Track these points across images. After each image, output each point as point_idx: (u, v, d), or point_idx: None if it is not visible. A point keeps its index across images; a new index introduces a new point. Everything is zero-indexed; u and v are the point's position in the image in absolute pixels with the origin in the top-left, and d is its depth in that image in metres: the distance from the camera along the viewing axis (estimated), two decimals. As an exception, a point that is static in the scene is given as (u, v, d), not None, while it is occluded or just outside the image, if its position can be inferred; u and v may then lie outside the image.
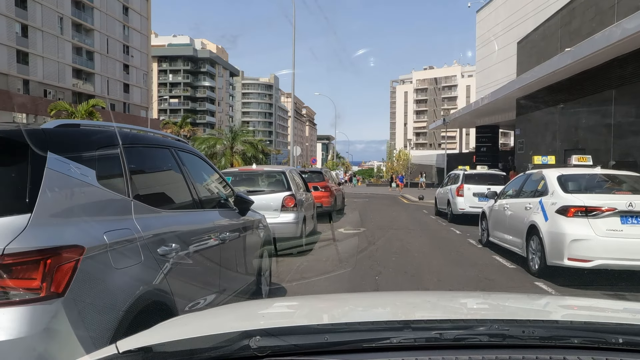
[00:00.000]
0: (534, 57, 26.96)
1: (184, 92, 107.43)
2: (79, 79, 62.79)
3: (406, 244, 11.28)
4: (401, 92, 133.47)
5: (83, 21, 61.99)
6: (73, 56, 60.71)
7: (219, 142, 17.69)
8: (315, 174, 16.69)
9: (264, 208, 8.83)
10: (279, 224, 8.99)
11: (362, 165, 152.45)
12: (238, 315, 1.93)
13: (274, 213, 9.03)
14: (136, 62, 74.57)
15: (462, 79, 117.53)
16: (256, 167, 9.90)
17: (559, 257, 6.92)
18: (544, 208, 7.54)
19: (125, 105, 72.20)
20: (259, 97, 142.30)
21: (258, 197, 8.91)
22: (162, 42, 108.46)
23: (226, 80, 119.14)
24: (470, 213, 15.65)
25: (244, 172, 10.13)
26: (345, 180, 31.52)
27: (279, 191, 9.27)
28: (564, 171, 8.15)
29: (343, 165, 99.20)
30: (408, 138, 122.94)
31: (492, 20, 44.74)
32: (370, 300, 2.46)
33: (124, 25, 70.89)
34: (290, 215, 9.07)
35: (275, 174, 9.81)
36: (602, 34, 16.51)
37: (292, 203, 9.09)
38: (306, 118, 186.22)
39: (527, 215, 8.05)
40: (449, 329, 1.37)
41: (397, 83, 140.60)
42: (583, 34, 20.60)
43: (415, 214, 19.93)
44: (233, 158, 16.98)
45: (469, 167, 17.65)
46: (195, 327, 1.70)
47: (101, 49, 65.49)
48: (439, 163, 52.69)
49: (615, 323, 1.56)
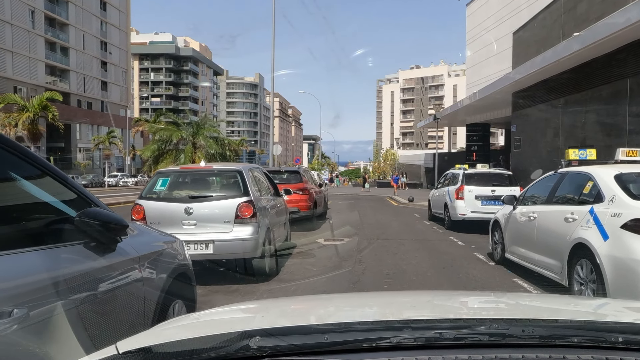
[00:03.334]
0: (533, 47, 24.94)
1: (166, 91, 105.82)
2: (53, 75, 60.15)
3: (400, 261, 9.01)
4: (388, 91, 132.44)
5: (57, 15, 59.49)
6: (46, 52, 58.15)
7: (175, 134, 15.09)
8: (291, 174, 14.33)
9: (212, 220, 6.56)
10: (231, 242, 6.71)
11: (348, 166, 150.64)
12: (238, 316, 1.96)
13: (224, 226, 6.73)
14: (115, 59, 72.28)
15: (449, 79, 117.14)
16: (205, 164, 7.54)
17: (633, 293, 4.69)
18: (598, 221, 5.32)
19: (103, 104, 69.80)
20: (244, 96, 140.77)
21: (203, 205, 6.62)
22: (144, 39, 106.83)
23: (210, 79, 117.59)
24: (471, 219, 13.47)
25: (187, 172, 7.76)
26: (327, 182, 29.20)
27: (233, 196, 6.94)
28: (621, 169, 5.91)
29: (329, 165, 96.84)
30: (395, 137, 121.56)
31: (483, 13, 42.84)
32: (370, 300, 2.43)
33: (101, 21, 68.58)
34: (247, 228, 6.75)
35: (229, 174, 7.46)
36: (620, 13, 14.42)
37: (250, 212, 6.77)
38: (292, 118, 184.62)
39: (570, 230, 5.83)
40: (449, 328, 1.36)
41: (383, 82, 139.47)
42: (591, 19, 18.58)
43: (407, 219, 17.68)
44: (195, 155, 14.51)
45: (467, 166, 15.44)
46: (195, 328, 1.72)
47: (77, 45, 63.01)
48: (427, 163, 50.72)
49: (614, 322, 1.58)
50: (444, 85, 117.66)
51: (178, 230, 6.66)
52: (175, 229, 6.64)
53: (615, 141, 16.33)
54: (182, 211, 6.70)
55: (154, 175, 7.39)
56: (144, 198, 7.00)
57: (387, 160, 78.34)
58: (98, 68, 68.27)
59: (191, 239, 6.59)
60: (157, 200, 7.01)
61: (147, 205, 6.89)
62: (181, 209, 6.72)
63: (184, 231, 6.65)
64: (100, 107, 68.99)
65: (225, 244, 6.66)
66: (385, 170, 77.08)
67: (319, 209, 15.66)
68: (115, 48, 72.25)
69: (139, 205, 6.90)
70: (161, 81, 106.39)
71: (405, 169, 58.65)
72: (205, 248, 6.61)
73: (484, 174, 14.23)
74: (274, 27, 26.56)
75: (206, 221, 6.67)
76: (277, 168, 16.16)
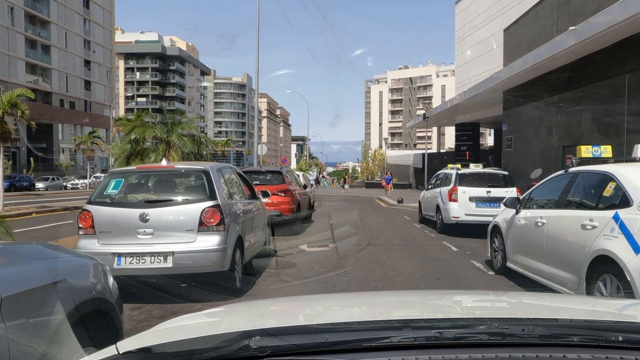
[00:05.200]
0: (525, 44, 24.26)
1: (152, 91, 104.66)
2: (34, 74, 58.61)
3: (390, 271, 8.11)
4: (376, 92, 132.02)
5: (38, 12, 57.96)
6: (27, 50, 56.61)
7: (148, 131, 13.96)
8: (273, 174, 13.34)
9: (171, 228, 5.62)
10: (194, 253, 5.73)
11: (337, 166, 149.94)
12: (238, 316, 1.92)
13: (186, 235, 5.75)
14: (99, 58, 70.84)
15: (437, 79, 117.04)
16: (167, 163, 6.53)
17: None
18: (627, 229, 4.46)
19: (86, 103, 68.37)
20: (232, 97, 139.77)
21: (161, 211, 5.68)
22: (129, 38, 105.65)
23: (197, 79, 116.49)
24: (465, 222, 12.63)
25: (145, 172, 6.75)
26: (312, 183, 28.29)
27: (197, 200, 5.96)
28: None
29: (317, 166, 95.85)
30: (384, 137, 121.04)
31: (473, 11, 42.20)
32: (370, 299, 2.40)
33: (84, 19, 67.13)
34: (213, 237, 5.79)
35: (193, 175, 6.48)
36: (620, 5, 13.67)
37: (216, 218, 5.82)
38: (280, 119, 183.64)
39: (589, 239, 4.97)
40: (449, 327, 1.35)
41: (372, 83, 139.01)
42: (587, 13, 17.87)
43: (396, 222, 16.79)
44: (169, 154, 13.45)
45: (460, 165, 14.58)
46: (195, 328, 1.71)
47: (59, 43, 61.52)
48: (416, 163, 49.98)
49: (614, 321, 1.57)
50: (432, 86, 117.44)
51: (132, 240, 5.72)
52: (128, 239, 5.71)
53: (613, 140, 15.55)
54: (136, 218, 5.72)
55: (107, 176, 6.38)
56: (93, 203, 5.99)
57: (375, 160, 77.57)
58: (81, 67, 66.81)
59: (147, 250, 5.65)
60: (108, 206, 6.00)
61: (97, 211, 5.90)
62: (136, 215, 5.74)
63: (138, 241, 5.70)
64: (83, 106, 67.50)
65: (187, 256, 5.69)
66: (374, 170, 76.30)
67: (303, 211, 14.71)
68: (99, 47, 70.83)
69: (86, 212, 5.89)
70: (147, 81, 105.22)
71: (394, 170, 57.83)
72: (164, 261, 5.64)
73: (478, 174, 13.37)
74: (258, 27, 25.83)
75: (165, 229, 5.70)
76: (257, 168, 15.16)
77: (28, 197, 30.62)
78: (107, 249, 5.67)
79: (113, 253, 5.63)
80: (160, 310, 5.57)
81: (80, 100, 66.92)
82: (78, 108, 66.03)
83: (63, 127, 62.08)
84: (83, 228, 5.80)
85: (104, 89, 72.76)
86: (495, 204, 12.33)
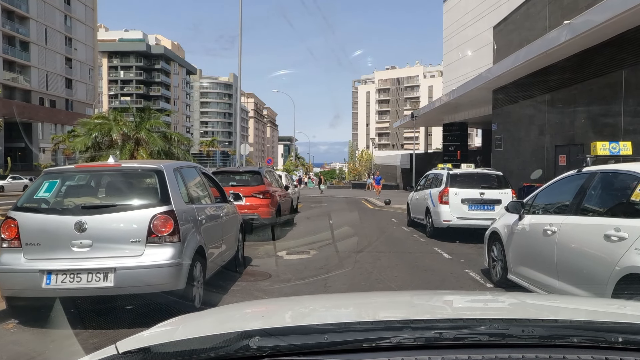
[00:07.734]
0: (515, 41, 23.55)
1: (136, 90, 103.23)
2: (12, 72, 57.04)
3: (377, 283, 7.20)
4: (363, 92, 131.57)
5: (16, 8, 56.43)
6: (4, 46, 55.11)
7: (115, 129, 12.81)
8: (251, 175, 12.34)
9: (114, 239, 4.65)
10: (141, 269, 4.74)
11: (324, 167, 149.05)
12: (238, 315, 1.92)
13: (132, 247, 4.78)
14: (80, 55, 69.33)
15: (424, 80, 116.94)
16: (114, 162, 5.51)
17: None
18: (667, 243, 3.60)
19: (67, 102, 66.85)
20: (218, 96, 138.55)
21: (102, 219, 4.71)
22: (113, 36, 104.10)
23: (182, 78, 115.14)
24: (457, 226, 11.79)
25: (85, 172, 5.74)
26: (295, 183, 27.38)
27: (146, 206, 4.99)
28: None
29: (303, 166, 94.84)
30: (371, 137, 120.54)
31: (462, 9, 41.56)
32: (370, 300, 2.36)
33: (65, 15, 65.53)
34: (166, 250, 4.83)
35: (143, 175, 5.50)
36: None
37: (169, 227, 4.86)
38: (267, 119, 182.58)
39: (614, 252, 4.11)
40: (449, 328, 1.34)
41: (359, 83, 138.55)
42: (581, 7, 17.14)
43: (383, 225, 15.90)
44: (137, 153, 12.42)
45: (451, 165, 13.74)
46: (195, 328, 1.70)
47: (38, 40, 59.99)
48: (403, 164, 49.27)
49: (614, 322, 1.54)
50: (419, 87, 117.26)
51: (65, 254, 4.73)
52: (61, 253, 4.73)
53: (608, 139, 14.87)
54: (71, 227, 4.72)
55: (40, 177, 5.35)
56: (19, 209, 4.96)
57: (362, 161, 76.79)
58: (62, 65, 65.30)
59: (83, 266, 4.66)
60: (38, 212, 4.98)
61: (24, 219, 4.88)
62: (71, 223, 4.74)
63: (73, 255, 4.70)
64: (64, 105, 65.94)
65: (132, 273, 4.69)
66: (361, 171, 75.52)
67: (284, 214, 13.75)
68: (81, 44, 69.35)
69: (10, 219, 4.86)
70: (131, 80, 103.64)
71: (381, 170, 57.05)
72: (104, 279, 4.64)
73: (471, 174, 12.52)
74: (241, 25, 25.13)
75: (106, 241, 4.71)
76: (234, 168, 14.17)
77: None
78: (34, 264, 4.67)
79: (41, 270, 4.64)
80: (99, 338, 4.61)
81: (61, 99, 65.43)
82: (59, 107, 64.55)
83: (43, 126, 60.56)
84: (6, 240, 4.78)
85: (86, 88, 71.31)
86: (490, 206, 11.53)
